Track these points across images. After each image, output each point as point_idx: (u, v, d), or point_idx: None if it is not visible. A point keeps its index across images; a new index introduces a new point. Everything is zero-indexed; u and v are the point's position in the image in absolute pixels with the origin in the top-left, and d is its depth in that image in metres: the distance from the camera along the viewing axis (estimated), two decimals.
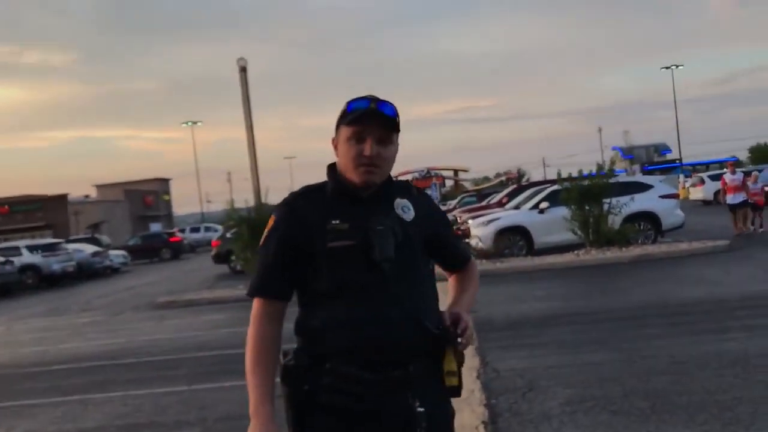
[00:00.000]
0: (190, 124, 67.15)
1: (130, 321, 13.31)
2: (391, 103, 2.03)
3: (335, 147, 2.08)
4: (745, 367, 5.76)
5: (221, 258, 22.28)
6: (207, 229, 49.77)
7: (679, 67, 63.21)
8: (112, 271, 29.19)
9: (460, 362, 2.02)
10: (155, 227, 55.45)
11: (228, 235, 22.70)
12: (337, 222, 1.98)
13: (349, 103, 2.03)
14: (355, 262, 1.96)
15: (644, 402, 5.10)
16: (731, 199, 17.43)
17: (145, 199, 70.00)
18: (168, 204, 77.71)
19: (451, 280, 2.27)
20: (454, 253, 2.26)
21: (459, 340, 2.01)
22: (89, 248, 29.21)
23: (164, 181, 78.24)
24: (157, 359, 8.94)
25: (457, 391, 2.02)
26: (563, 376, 6.01)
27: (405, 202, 2.09)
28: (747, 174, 19.70)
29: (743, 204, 17.44)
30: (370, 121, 1.98)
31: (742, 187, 17.51)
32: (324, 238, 1.97)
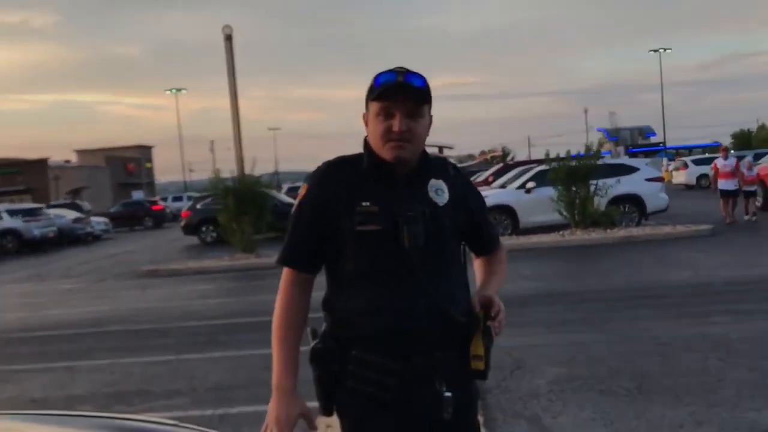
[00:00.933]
0: (174, 91, 66.50)
1: (114, 289, 13.26)
2: (420, 75, 1.96)
3: (366, 123, 2.02)
4: (728, 350, 5.86)
5: (191, 229, 22.14)
6: (189, 198, 49.38)
7: (667, 51, 63.47)
8: (94, 238, 28.94)
9: (488, 347, 2.00)
10: (137, 195, 54.97)
11: (198, 206, 22.62)
12: (368, 204, 1.93)
13: (377, 77, 1.96)
14: (383, 248, 1.92)
15: (631, 382, 5.18)
16: (723, 185, 16.64)
17: (127, 165, 69.37)
18: (150, 172, 77.10)
19: (479, 263, 2.22)
20: (486, 237, 2.19)
21: (494, 323, 1.99)
22: (70, 214, 28.93)
23: (146, 149, 77.54)
24: (143, 328, 8.93)
25: (483, 374, 2.01)
26: (550, 355, 6.08)
27: (440, 183, 2.03)
28: (739, 159, 18.54)
29: (735, 192, 16.69)
30: (399, 94, 1.92)
31: (734, 173, 16.66)
32: (352, 220, 1.93)
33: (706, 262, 11.20)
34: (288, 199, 23.29)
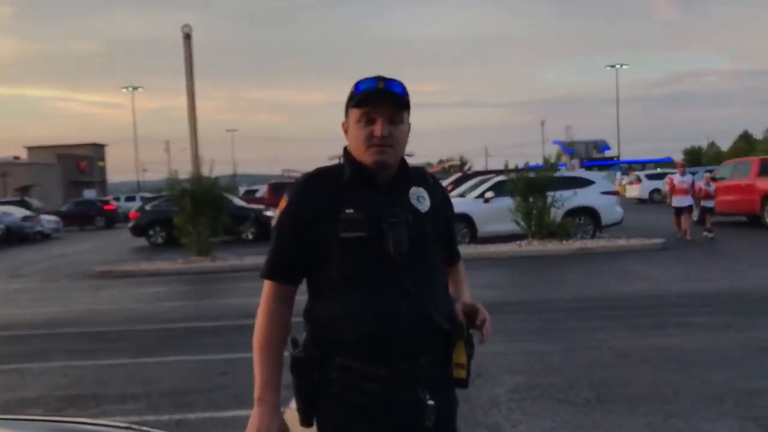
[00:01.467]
0: (130, 89, 65.40)
1: (66, 289, 12.95)
2: (399, 82, 1.99)
3: (345, 131, 2.04)
4: (682, 362, 5.99)
5: (140, 230, 21.79)
6: (143, 198, 48.62)
7: (624, 67, 64.99)
8: (43, 237, 28.22)
9: (470, 355, 2.03)
10: (89, 194, 53.86)
11: (147, 207, 22.27)
12: (351, 211, 1.94)
13: (357, 84, 1.99)
14: (368, 254, 1.93)
15: (589, 392, 5.25)
16: (677, 201, 16.51)
17: (79, 164, 67.98)
18: (102, 170, 75.67)
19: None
20: (452, 248, 2.23)
21: (483, 331, 2.02)
22: (19, 212, 28.18)
23: (99, 147, 76.10)
24: (96, 330, 8.73)
25: (464, 383, 2.03)
26: (510, 364, 6.14)
27: (421, 191, 2.06)
28: (714, 177, 18.44)
29: (689, 208, 16.56)
30: (380, 101, 1.95)
31: (689, 189, 16.52)
32: (337, 227, 1.93)
33: (659, 275, 11.45)
34: (241, 203, 23.08)
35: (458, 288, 2.22)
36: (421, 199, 2.05)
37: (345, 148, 2.06)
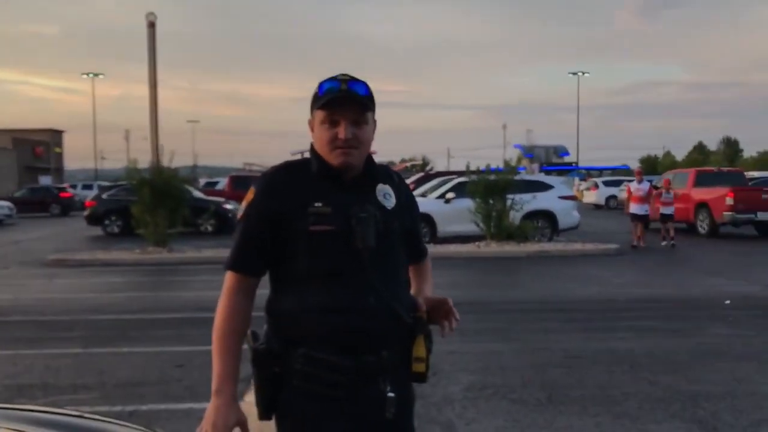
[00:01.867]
0: (91, 75, 64.22)
1: (17, 277, 12.67)
2: (363, 82, 2.01)
3: (311, 129, 2.05)
4: (632, 364, 6.14)
5: (95, 219, 21.44)
6: (100, 187, 47.76)
7: (585, 75, 65.95)
8: None
9: (429, 349, 2.06)
10: (45, 180, 52.71)
11: (104, 196, 21.89)
12: (320, 205, 1.95)
13: (320, 85, 2.00)
14: (335, 248, 1.94)
15: (541, 392, 5.35)
16: (635, 209, 16.41)
17: (35, 149, 66.45)
18: (59, 157, 74.12)
19: (410, 270, 2.26)
20: (418, 245, 2.26)
21: (450, 323, 2.10)
22: None
23: (57, 133, 74.55)
24: (48, 319, 8.58)
25: (423, 377, 2.06)
26: (464, 363, 6.21)
27: (387, 188, 2.08)
28: (655, 185, 18.15)
29: (645, 216, 16.46)
30: (343, 103, 1.96)
31: (646, 197, 16.55)
32: (305, 221, 1.94)
33: (611, 279, 11.68)
34: (200, 195, 22.84)
35: (422, 283, 2.26)
36: (387, 196, 2.07)
37: (312, 144, 2.07)
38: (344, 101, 1.96)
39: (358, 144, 1.99)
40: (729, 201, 18.04)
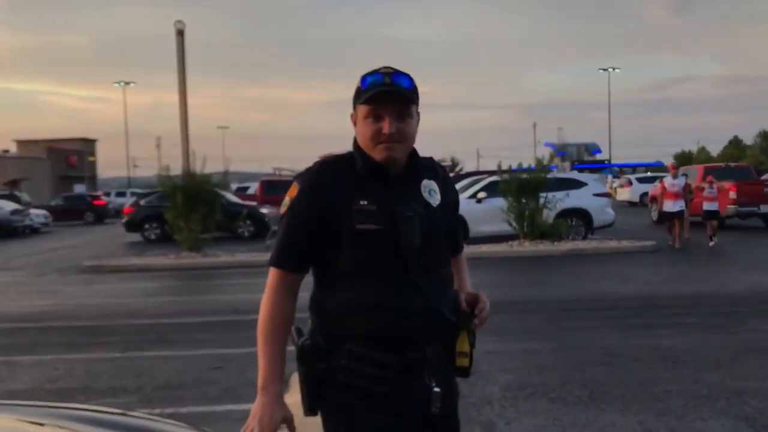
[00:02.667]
0: (122, 84, 65.16)
1: (55, 283, 12.87)
2: (407, 75, 1.97)
3: (354, 123, 2.01)
4: (674, 362, 6.01)
5: (134, 226, 21.68)
6: (133, 194, 48.32)
7: (616, 71, 65.11)
8: (32, 231, 28.05)
9: (473, 344, 2.04)
10: (79, 189, 53.62)
11: (142, 202, 22.12)
12: (365, 203, 1.92)
13: (363, 78, 1.95)
14: (380, 247, 1.91)
15: (581, 390, 5.26)
16: (669, 206, 15.50)
17: (69, 158, 67.59)
18: (93, 165, 75.27)
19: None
20: (457, 239, 2.23)
21: (474, 321, 2.03)
22: (8, 205, 27.98)
23: (90, 142, 75.75)
24: (86, 324, 8.68)
25: (467, 371, 2.04)
26: (502, 362, 6.14)
27: (432, 184, 2.04)
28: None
29: (679, 214, 15.46)
30: (387, 97, 1.92)
31: (681, 194, 15.55)
32: (351, 218, 1.91)
33: (649, 277, 11.49)
34: (235, 199, 22.99)
35: (461, 278, 2.23)
36: (432, 192, 2.03)
37: (355, 140, 2.03)
38: (388, 95, 1.92)
39: (403, 138, 1.95)
40: (732, 195, 18.88)
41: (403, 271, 1.92)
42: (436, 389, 1.96)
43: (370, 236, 1.91)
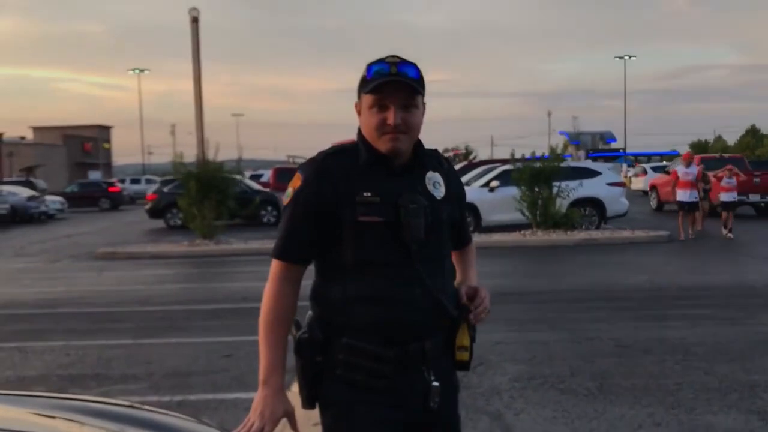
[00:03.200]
0: (137, 71, 65.34)
1: (69, 270, 12.96)
2: (413, 64, 1.93)
3: (358, 113, 1.99)
4: (685, 354, 5.97)
5: (157, 213, 21.80)
6: (148, 181, 48.58)
7: (632, 59, 64.52)
8: (48, 218, 28.25)
9: (473, 338, 2.02)
10: (94, 175, 53.96)
11: (165, 189, 22.21)
12: (369, 194, 1.90)
13: (369, 67, 1.92)
14: (383, 239, 1.90)
15: (591, 382, 5.24)
16: (682, 196, 14.95)
17: (85, 145, 67.97)
18: (108, 152, 75.64)
19: (454, 256, 2.18)
20: (463, 231, 2.20)
21: (476, 312, 2.01)
22: (24, 192, 28.19)
23: (105, 129, 76.06)
24: (99, 311, 8.74)
25: (467, 365, 2.03)
26: (511, 353, 6.12)
27: (437, 176, 2.02)
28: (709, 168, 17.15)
29: (694, 204, 15.04)
30: (392, 87, 1.89)
31: (695, 183, 15.08)
32: (354, 210, 1.89)
33: (662, 267, 11.42)
34: (257, 186, 23.02)
35: (466, 271, 2.20)
36: (437, 184, 2.01)
37: (359, 130, 2.00)
38: (394, 85, 1.89)
39: (408, 129, 1.92)
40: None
41: (406, 263, 1.91)
42: (435, 383, 1.95)
43: (373, 228, 1.90)
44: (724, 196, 15.57)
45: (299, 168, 2.03)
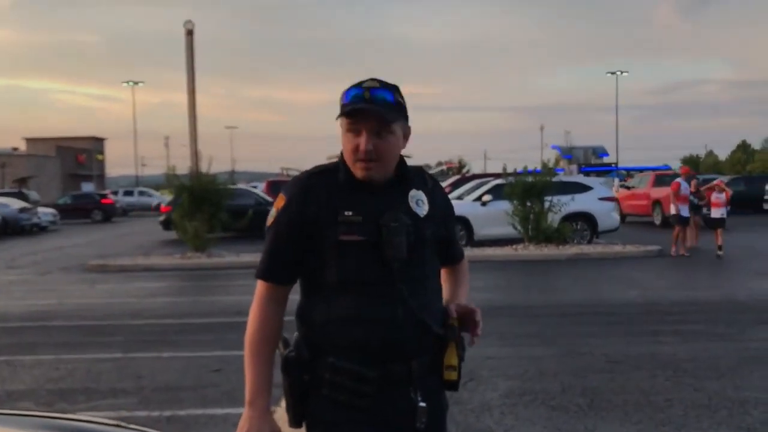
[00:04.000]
0: (131, 83, 65.35)
1: (60, 282, 12.91)
2: (389, 88, 1.92)
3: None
4: (676, 370, 5.98)
5: (170, 224, 21.77)
6: (141, 193, 48.50)
7: (624, 74, 64.98)
8: (40, 230, 28.13)
9: (462, 357, 2.02)
10: (87, 187, 53.79)
11: (179, 201, 22.09)
12: (351, 213, 1.90)
13: (346, 91, 1.92)
14: (365, 258, 1.90)
15: (582, 398, 5.24)
16: (683, 210, 14.74)
17: (78, 157, 67.79)
18: (101, 164, 75.51)
19: (444, 273, 2.19)
20: (453, 249, 2.19)
21: (475, 332, 2.03)
22: (16, 203, 28.06)
23: (99, 140, 75.95)
24: (89, 324, 8.70)
25: (455, 385, 2.02)
26: (503, 368, 6.12)
27: (420, 194, 2.01)
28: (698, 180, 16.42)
29: (687, 219, 14.86)
30: (365, 112, 1.88)
31: (688, 198, 15.02)
32: (336, 229, 1.90)
33: (654, 282, 11.45)
34: (269, 198, 22.95)
35: (456, 289, 2.19)
36: (420, 203, 2.01)
37: (341, 151, 2.01)
38: (366, 111, 1.88)
39: (379, 157, 1.91)
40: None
41: (388, 283, 1.91)
42: (422, 404, 1.95)
43: (355, 247, 1.90)
44: (714, 212, 14.82)
45: (282, 188, 2.04)
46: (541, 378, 5.82)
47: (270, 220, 1.99)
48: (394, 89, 1.93)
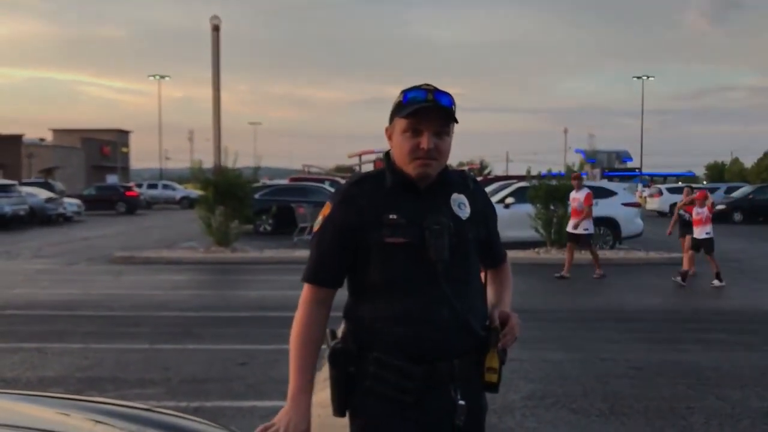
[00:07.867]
0: (157, 77, 65.92)
1: (86, 273, 13.10)
2: (447, 93, 2.01)
3: (389, 137, 2.07)
4: (698, 378, 5.98)
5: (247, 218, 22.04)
6: (165, 186, 48.97)
7: (650, 78, 64.32)
8: (65, 220, 28.53)
9: (503, 360, 2.08)
10: (112, 179, 54.32)
11: (257, 196, 21.96)
12: (395, 216, 1.98)
13: (405, 93, 2.00)
14: (409, 259, 1.97)
15: (603, 403, 5.27)
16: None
17: (103, 149, 68.52)
18: (126, 157, 76.22)
19: (488, 276, 2.25)
20: (496, 250, 2.25)
21: (503, 336, 2.06)
22: (43, 193, 28.48)
23: (124, 133, 76.69)
24: (116, 314, 8.85)
25: (495, 387, 2.08)
26: (525, 371, 6.15)
27: (462, 198, 2.08)
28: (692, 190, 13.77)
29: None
30: (428, 113, 1.97)
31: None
32: (380, 232, 1.97)
33: (676, 289, 11.38)
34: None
35: (500, 292, 2.24)
36: (462, 206, 2.07)
37: (387, 154, 2.09)
38: (430, 111, 1.97)
39: (438, 156, 2.00)
40: None
41: (432, 284, 1.97)
42: (461, 402, 2.01)
43: (399, 249, 1.97)
44: (696, 232, 11.66)
45: (329, 197, 2.14)
46: (563, 382, 5.85)
47: (316, 226, 2.09)
48: (450, 94, 2.03)
